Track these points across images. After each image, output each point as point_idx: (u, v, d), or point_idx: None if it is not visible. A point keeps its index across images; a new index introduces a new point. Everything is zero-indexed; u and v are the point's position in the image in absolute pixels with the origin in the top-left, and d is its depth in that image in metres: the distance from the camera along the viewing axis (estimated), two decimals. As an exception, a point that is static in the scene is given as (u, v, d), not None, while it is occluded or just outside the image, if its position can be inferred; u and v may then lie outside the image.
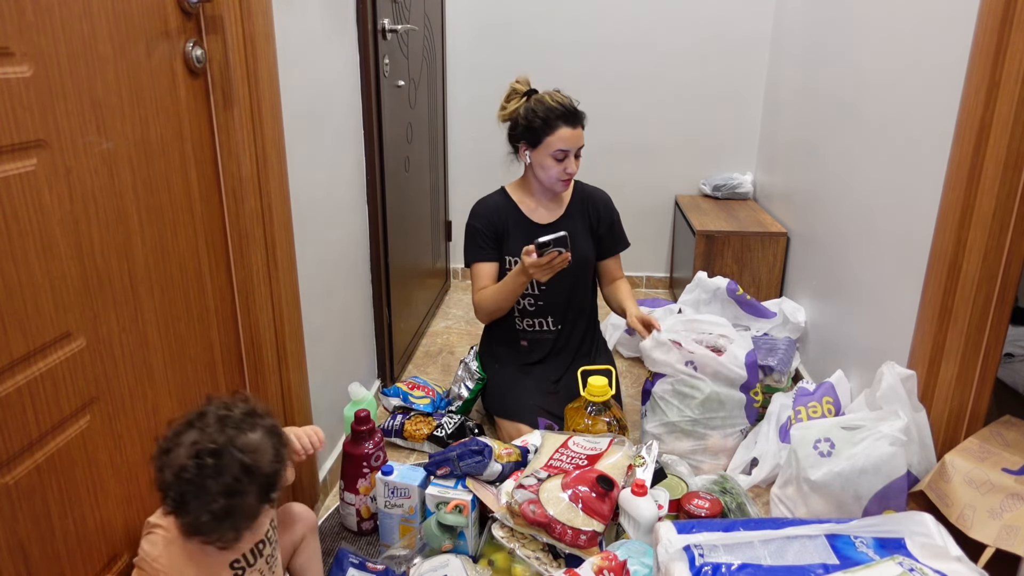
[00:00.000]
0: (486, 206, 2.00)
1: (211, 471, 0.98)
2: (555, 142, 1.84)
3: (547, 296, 1.97)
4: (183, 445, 1.00)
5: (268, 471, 1.04)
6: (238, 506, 1.00)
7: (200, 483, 0.98)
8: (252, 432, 1.04)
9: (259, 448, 1.03)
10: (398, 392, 2.09)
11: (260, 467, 1.03)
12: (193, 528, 0.99)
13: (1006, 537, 1.28)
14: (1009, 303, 1.45)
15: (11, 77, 0.87)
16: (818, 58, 2.35)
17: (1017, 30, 1.29)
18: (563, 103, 1.85)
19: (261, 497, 1.04)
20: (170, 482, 0.99)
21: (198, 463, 0.98)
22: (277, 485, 1.07)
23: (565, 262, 1.74)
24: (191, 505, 0.98)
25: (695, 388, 1.85)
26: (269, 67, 1.35)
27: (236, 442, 1.01)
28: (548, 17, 2.97)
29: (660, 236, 3.24)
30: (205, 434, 1.01)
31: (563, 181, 1.90)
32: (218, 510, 0.98)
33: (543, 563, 1.37)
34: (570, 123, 1.84)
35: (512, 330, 2.03)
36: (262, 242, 1.41)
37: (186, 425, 1.03)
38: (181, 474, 0.98)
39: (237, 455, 1.00)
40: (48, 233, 0.94)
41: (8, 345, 0.89)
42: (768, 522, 1.30)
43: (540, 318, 2.00)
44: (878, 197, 1.83)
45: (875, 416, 1.56)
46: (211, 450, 0.99)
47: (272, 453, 1.05)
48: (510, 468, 1.56)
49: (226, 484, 0.99)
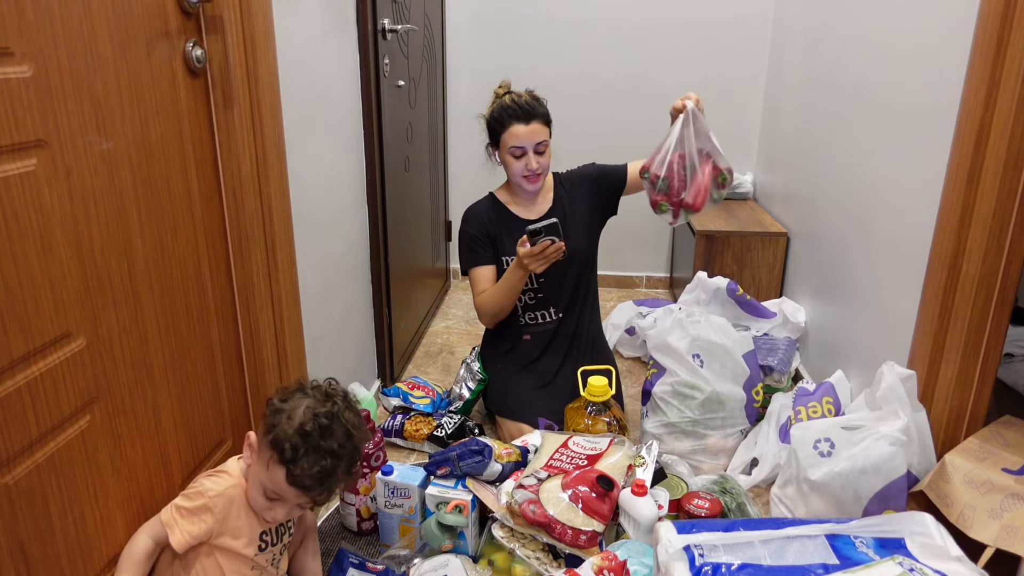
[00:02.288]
0: (476, 211, 2.01)
1: (327, 432, 1.14)
2: (509, 139, 1.87)
3: (547, 288, 1.97)
4: (299, 407, 1.15)
5: (359, 446, 1.21)
6: (335, 469, 1.15)
7: (317, 441, 1.13)
8: (352, 413, 1.22)
9: (359, 426, 1.22)
10: (398, 392, 2.09)
11: (356, 441, 1.20)
12: (297, 479, 1.12)
13: (1006, 537, 1.28)
14: (1009, 303, 1.45)
15: (11, 77, 0.87)
16: (818, 58, 2.35)
17: (1017, 30, 1.29)
18: (517, 101, 1.87)
19: (347, 468, 1.19)
20: (290, 435, 1.12)
21: (318, 423, 1.13)
22: (358, 463, 1.22)
23: (559, 251, 1.75)
24: (304, 460, 1.11)
25: (695, 388, 1.85)
26: (269, 67, 1.35)
27: (344, 415, 1.18)
28: (548, 17, 2.96)
29: (660, 236, 3.24)
30: (318, 401, 1.17)
31: (526, 177, 1.90)
32: (323, 468, 1.12)
33: (543, 563, 1.37)
34: (523, 120, 1.85)
35: (516, 326, 2.03)
36: (262, 242, 1.41)
37: (298, 390, 1.20)
38: (303, 429, 1.12)
39: (345, 423, 1.17)
40: (48, 233, 0.94)
41: (8, 345, 0.89)
42: (768, 522, 1.30)
43: (542, 310, 2.00)
44: (878, 197, 1.83)
45: (875, 416, 1.56)
46: (328, 414, 1.15)
47: (364, 433, 1.24)
48: (510, 468, 1.56)
49: (333, 447, 1.14)
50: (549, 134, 1.91)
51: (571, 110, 3.03)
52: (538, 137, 1.87)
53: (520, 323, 2.03)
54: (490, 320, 2.01)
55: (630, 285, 3.29)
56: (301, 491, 1.14)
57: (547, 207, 1.99)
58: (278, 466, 1.13)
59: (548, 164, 1.92)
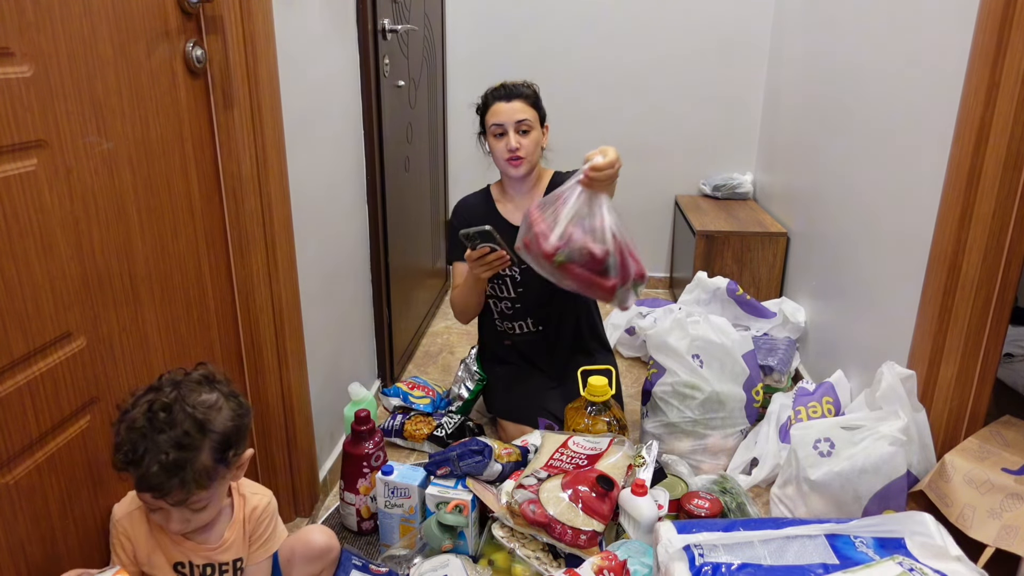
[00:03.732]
0: (466, 204, 1.99)
1: (162, 424, 1.00)
2: (490, 118, 1.84)
3: (524, 299, 1.93)
4: (139, 406, 1.02)
5: (222, 429, 1.05)
6: (189, 460, 1.00)
7: (151, 435, 0.99)
8: (207, 393, 1.06)
9: (213, 406, 1.05)
10: (398, 392, 2.09)
11: (212, 424, 1.04)
12: (144, 481, 0.99)
13: (1006, 537, 1.28)
14: (1009, 303, 1.45)
15: (11, 77, 0.87)
16: (818, 58, 2.35)
17: (1017, 30, 1.29)
18: (504, 83, 1.85)
19: (216, 455, 1.04)
20: (124, 437, 0.99)
21: (149, 417, 1.00)
22: (234, 446, 1.07)
23: (501, 261, 1.71)
24: (144, 459, 0.98)
25: (695, 388, 1.86)
26: (269, 67, 1.35)
27: (188, 400, 1.03)
28: (548, 17, 2.96)
29: (660, 236, 3.24)
30: (160, 393, 1.03)
31: (509, 161, 1.83)
32: (168, 462, 0.98)
33: (543, 563, 1.37)
34: (503, 98, 1.82)
35: (495, 331, 2.03)
36: (262, 242, 1.41)
37: (145, 391, 1.05)
38: (132, 426, 0.99)
39: (189, 410, 1.02)
40: (48, 233, 0.94)
41: (8, 345, 0.89)
42: (768, 522, 1.30)
43: (519, 321, 1.97)
44: (878, 197, 1.83)
45: (875, 416, 1.57)
46: (163, 404, 1.01)
47: (229, 413, 1.07)
48: (510, 468, 1.56)
49: (176, 438, 1.00)
50: (540, 120, 1.86)
51: (571, 110, 3.03)
52: (519, 115, 1.81)
53: (499, 329, 2.01)
54: (460, 317, 1.98)
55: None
56: (155, 495, 1.01)
57: None
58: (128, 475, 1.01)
59: (532, 148, 1.83)
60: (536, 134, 1.85)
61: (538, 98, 1.88)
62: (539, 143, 1.87)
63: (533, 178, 1.92)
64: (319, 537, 1.27)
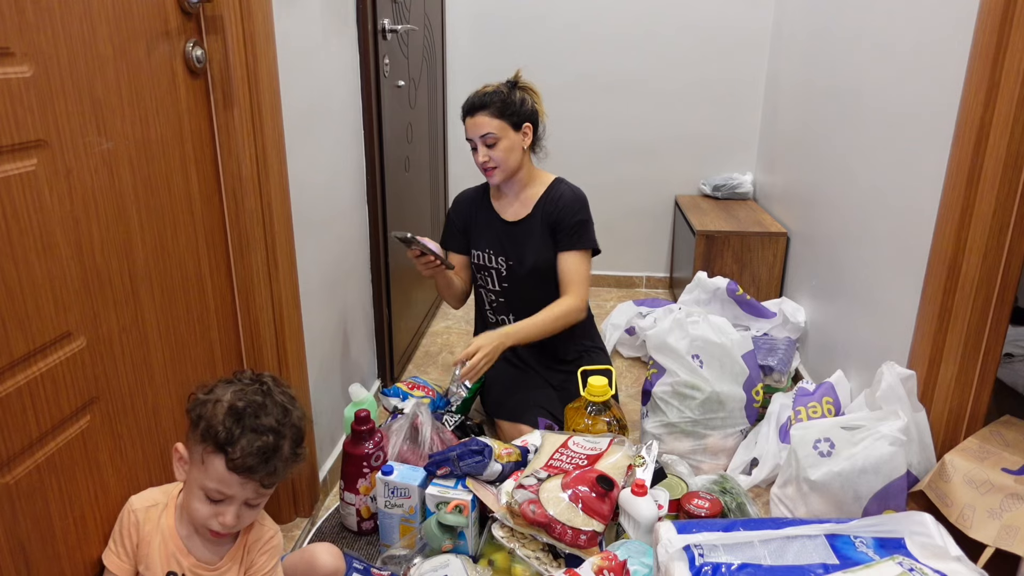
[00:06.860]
0: (463, 197, 2.06)
1: (261, 409, 1.07)
2: (465, 133, 1.89)
3: (507, 295, 1.99)
4: (226, 393, 1.07)
5: (298, 424, 1.12)
6: (279, 447, 1.06)
7: (252, 419, 1.05)
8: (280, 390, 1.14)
9: (292, 403, 1.13)
10: (398, 392, 2.09)
11: (295, 418, 1.12)
12: (239, 462, 1.03)
13: (1006, 537, 1.28)
14: (1009, 303, 1.45)
15: (11, 77, 0.87)
16: (818, 58, 2.35)
17: (1017, 30, 1.29)
18: (473, 95, 1.87)
19: (293, 448, 1.10)
20: (221, 418, 1.04)
21: (249, 400, 1.06)
22: (302, 442, 1.13)
23: (429, 265, 1.83)
24: (241, 441, 1.03)
25: (695, 388, 1.86)
26: (269, 67, 1.35)
27: (274, 392, 1.11)
28: (548, 17, 2.97)
29: (660, 236, 3.24)
30: (245, 384, 1.10)
31: (484, 172, 1.90)
32: (265, 445, 1.04)
33: (543, 563, 1.37)
34: (469, 113, 1.86)
35: (488, 324, 2.07)
36: (262, 242, 1.41)
37: (220, 383, 1.11)
38: (233, 409, 1.05)
39: (279, 398, 1.10)
40: (48, 233, 0.94)
41: (8, 345, 0.89)
42: (768, 522, 1.30)
43: (503, 315, 2.02)
44: (878, 197, 1.83)
45: (875, 416, 1.57)
46: (257, 390, 1.09)
47: (300, 412, 1.14)
48: (510, 468, 1.56)
49: (271, 423, 1.06)
50: (515, 124, 1.84)
51: (571, 110, 3.04)
52: (482, 129, 1.82)
53: (491, 321, 2.06)
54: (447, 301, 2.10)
55: (630, 285, 3.29)
56: (245, 476, 1.03)
57: (526, 213, 1.94)
58: (215, 455, 1.03)
59: (503, 157, 1.83)
60: (506, 142, 1.84)
61: (507, 103, 1.82)
62: (513, 148, 1.86)
63: (522, 179, 1.95)
64: (326, 559, 1.27)
